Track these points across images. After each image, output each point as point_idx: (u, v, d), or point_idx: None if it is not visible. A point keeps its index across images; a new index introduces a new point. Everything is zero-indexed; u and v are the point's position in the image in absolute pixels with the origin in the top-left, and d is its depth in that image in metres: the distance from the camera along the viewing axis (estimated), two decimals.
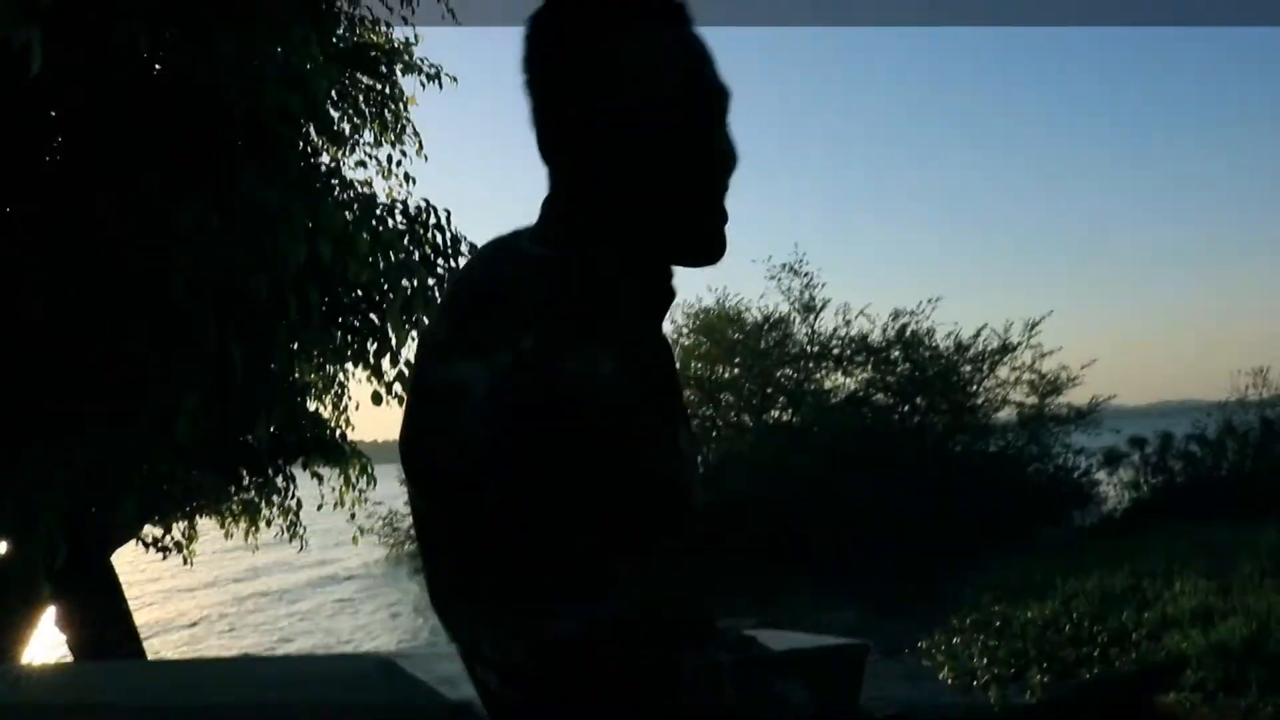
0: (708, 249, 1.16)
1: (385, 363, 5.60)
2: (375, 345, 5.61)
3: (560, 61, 1.12)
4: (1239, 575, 9.19)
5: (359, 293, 5.36)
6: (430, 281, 5.34)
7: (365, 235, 4.67)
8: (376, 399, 5.50)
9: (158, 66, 4.49)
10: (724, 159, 1.13)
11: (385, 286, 5.25)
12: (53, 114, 4.24)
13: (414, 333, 5.38)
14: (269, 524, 7.97)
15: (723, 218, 1.15)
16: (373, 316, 5.58)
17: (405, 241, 5.36)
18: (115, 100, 4.08)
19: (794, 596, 12.41)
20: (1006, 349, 18.42)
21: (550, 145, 1.16)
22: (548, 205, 1.18)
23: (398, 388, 5.55)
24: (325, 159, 6.32)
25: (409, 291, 5.18)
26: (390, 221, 5.41)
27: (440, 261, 5.53)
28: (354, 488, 7.34)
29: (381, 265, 5.04)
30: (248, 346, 4.67)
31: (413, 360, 1.31)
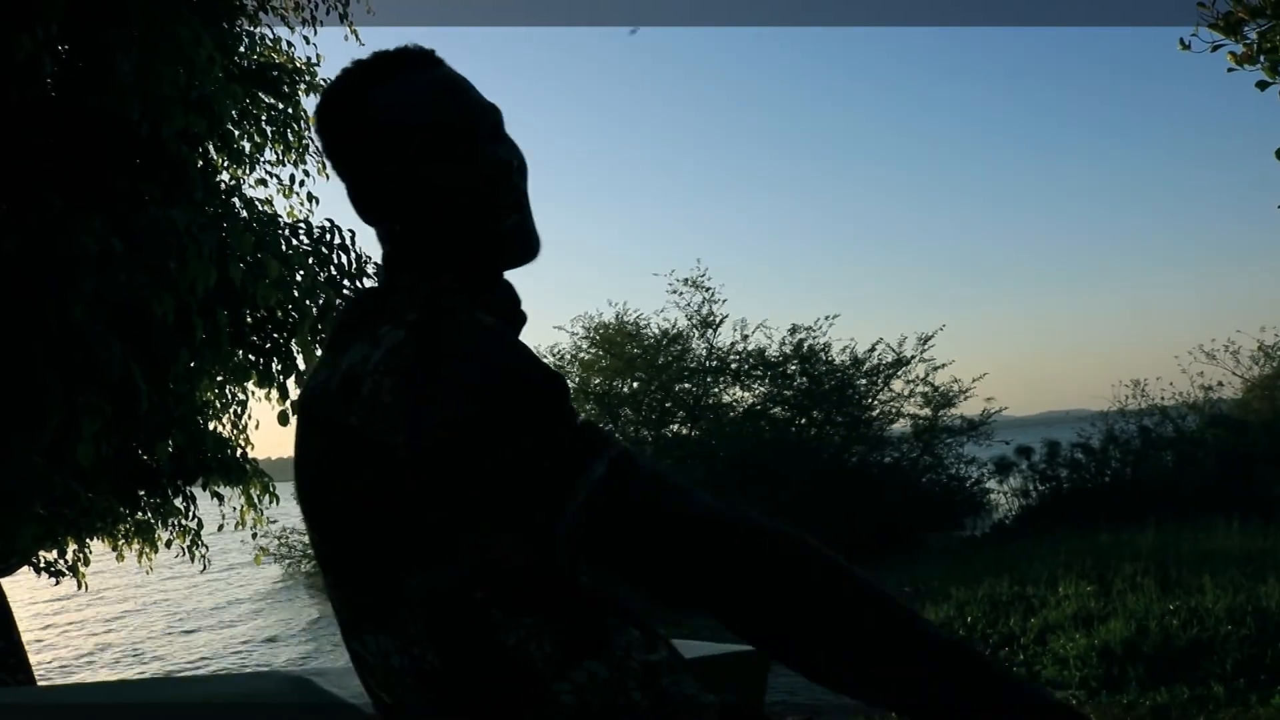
0: (520, 246, 1.22)
1: (290, 383, 5.58)
2: (280, 366, 5.60)
3: (344, 140, 1.23)
4: (1120, 578, 9.59)
5: (264, 313, 5.33)
6: (337, 302, 5.35)
7: (273, 257, 4.67)
8: (283, 419, 5.46)
9: (55, 86, 4.45)
10: (500, 167, 1.19)
11: (292, 307, 5.25)
12: None
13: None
14: (168, 545, 7.82)
15: (522, 217, 1.21)
16: (278, 337, 5.56)
17: (311, 262, 5.37)
18: (15, 120, 4.03)
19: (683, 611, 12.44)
20: (901, 363, 18.87)
21: (365, 209, 1.25)
22: (385, 261, 1.26)
23: None
24: (225, 177, 6.29)
25: (316, 312, 5.18)
26: (295, 241, 5.42)
27: (346, 282, 5.55)
28: (255, 507, 7.26)
29: (291, 286, 5.05)
30: (151, 370, 4.63)
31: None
